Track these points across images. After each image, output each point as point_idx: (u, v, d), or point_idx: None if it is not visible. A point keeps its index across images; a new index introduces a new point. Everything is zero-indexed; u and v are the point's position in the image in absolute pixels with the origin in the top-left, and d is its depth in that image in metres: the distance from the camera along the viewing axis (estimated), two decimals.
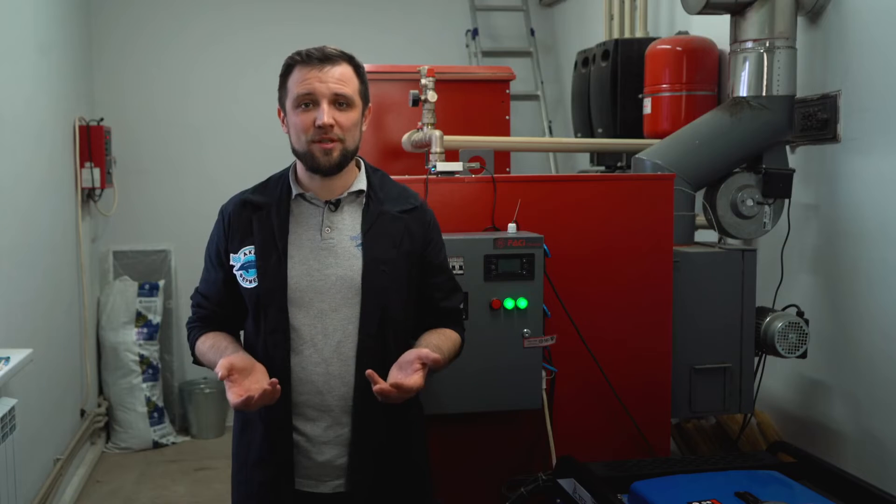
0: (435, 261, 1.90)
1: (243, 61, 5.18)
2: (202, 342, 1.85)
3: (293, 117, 1.77)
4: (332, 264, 1.78)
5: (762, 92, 2.81)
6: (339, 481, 1.80)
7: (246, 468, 1.86)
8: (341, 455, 1.79)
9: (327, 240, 1.80)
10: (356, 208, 1.83)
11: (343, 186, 1.83)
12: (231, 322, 1.90)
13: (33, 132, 3.76)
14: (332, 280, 1.78)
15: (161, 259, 5.19)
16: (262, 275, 1.78)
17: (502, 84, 3.71)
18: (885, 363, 2.64)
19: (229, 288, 1.85)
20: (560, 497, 2.22)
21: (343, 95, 1.75)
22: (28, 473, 3.30)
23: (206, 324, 1.89)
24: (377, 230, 1.81)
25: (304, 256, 1.79)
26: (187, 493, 4.18)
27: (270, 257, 1.78)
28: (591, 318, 2.47)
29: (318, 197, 1.82)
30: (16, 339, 3.22)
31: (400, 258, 1.81)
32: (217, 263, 1.87)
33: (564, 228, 2.47)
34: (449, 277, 1.95)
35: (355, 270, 1.78)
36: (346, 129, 1.76)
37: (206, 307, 1.89)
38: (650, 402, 2.56)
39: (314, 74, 1.74)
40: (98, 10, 5.05)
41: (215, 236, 1.88)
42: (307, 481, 1.81)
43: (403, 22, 5.38)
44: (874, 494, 1.97)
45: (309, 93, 1.74)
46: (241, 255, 1.81)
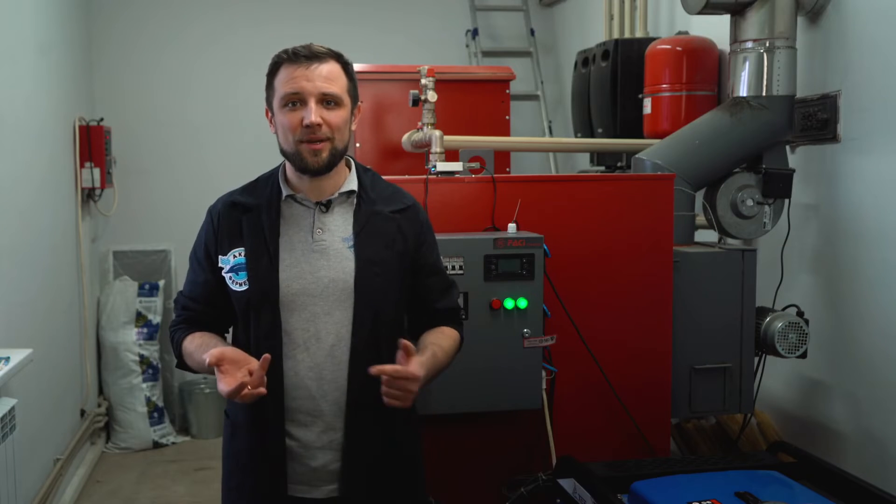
0: (428, 261, 1.88)
1: (243, 61, 5.17)
2: (189, 342, 1.80)
3: (280, 117, 1.74)
4: (323, 266, 1.76)
5: (762, 92, 2.80)
6: (332, 486, 1.78)
7: (237, 474, 1.83)
8: (335, 460, 1.77)
9: (319, 242, 1.77)
10: (347, 209, 1.81)
11: (333, 187, 1.80)
12: (218, 324, 1.86)
13: (33, 132, 3.76)
14: (324, 283, 1.75)
15: (161, 259, 5.19)
16: (252, 277, 1.75)
17: (502, 84, 3.71)
18: (885, 363, 2.64)
19: (217, 290, 1.81)
20: (560, 497, 2.22)
21: (331, 94, 1.72)
22: (28, 473, 3.29)
23: (192, 325, 1.84)
24: (369, 231, 1.78)
25: (295, 259, 1.76)
26: (187, 493, 4.18)
27: (261, 260, 1.75)
28: (591, 318, 2.47)
29: (309, 198, 1.79)
30: (16, 339, 3.22)
31: (393, 259, 1.79)
32: (206, 265, 1.83)
33: (564, 228, 2.47)
34: (443, 278, 1.92)
35: (347, 272, 1.75)
36: (334, 128, 1.73)
37: (192, 309, 1.85)
38: (650, 402, 2.56)
39: (301, 73, 1.71)
40: (98, 10, 5.05)
41: (203, 237, 1.85)
42: (300, 487, 1.78)
43: (403, 22, 5.38)
44: (874, 494, 1.97)
45: (296, 92, 1.71)
46: (230, 258, 1.78)
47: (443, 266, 1.96)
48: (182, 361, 1.85)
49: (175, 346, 1.85)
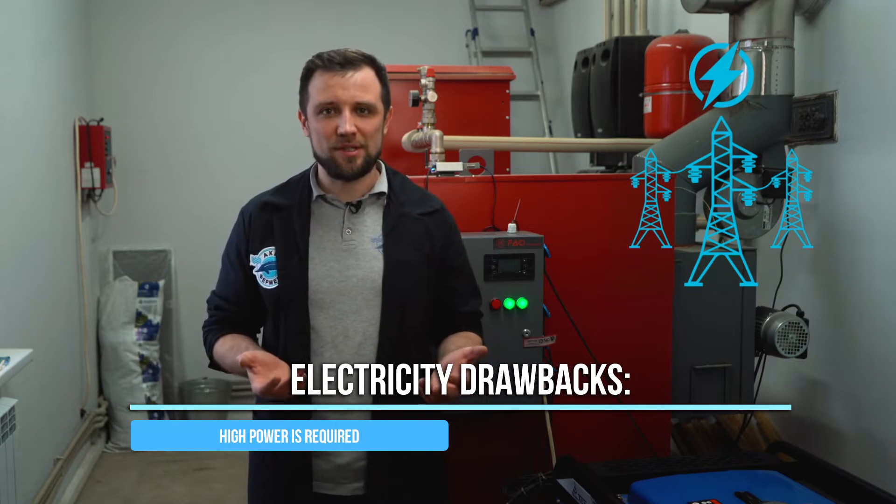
0: (455, 264, 1.89)
1: (243, 61, 5.18)
2: (221, 344, 1.83)
3: (315, 123, 1.75)
4: (352, 265, 1.78)
5: (761, 91, 2.81)
6: (358, 484, 1.79)
7: (263, 470, 1.85)
8: (360, 458, 1.78)
9: (348, 241, 1.79)
10: (377, 210, 1.83)
11: (364, 188, 1.82)
12: (250, 324, 1.88)
13: (33, 132, 3.76)
14: (353, 282, 1.77)
15: (161, 259, 5.19)
16: (283, 276, 1.77)
17: (502, 84, 3.71)
18: (885, 363, 2.64)
19: (249, 289, 1.83)
20: (560, 497, 2.22)
21: (365, 103, 1.73)
22: (28, 473, 3.29)
23: (224, 325, 1.87)
24: (398, 232, 1.80)
25: (325, 258, 1.78)
26: (187, 493, 4.18)
27: (291, 258, 1.77)
28: (591, 318, 2.47)
29: (339, 198, 1.81)
30: (16, 339, 3.21)
31: (420, 260, 1.80)
32: (237, 264, 1.85)
33: (564, 228, 2.47)
34: (469, 281, 1.93)
35: (376, 272, 1.77)
36: (368, 136, 1.74)
37: (225, 308, 1.87)
38: (650, 402, 2.56)
39: (336, 81, 1.72)
40: (98, 10, 5.05)
41: (235, 237, 1.87)
42: (325, 484, 1.80)
43: (403, 22, 5.38)
44: (874, 494, 1.97)
45: (331, 101, 1.72)
46: (261, 256, 1.80)
47: (470, 271, 1.96)
48: (214, 362, 1.87)
49: (207, 347, 1.88)
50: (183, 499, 4.13)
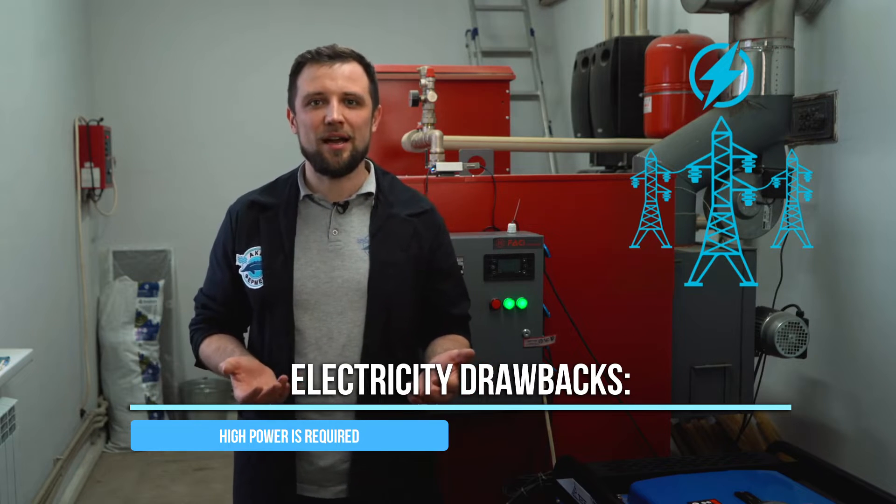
0: (444, 266, 1.88)
1: (243, 61, 5.18)
2: (207, 345, 1.83)
3: (303, 115, 1.76)
4: (338, 266, 1.77)
5: (761, 91, 2.81)
6: (341, 486, 1.79)
7: (248, 469, 1.85)
8: (344, 460, 1.78)
9: (334, 242, 1.78)
10: (364, 211, 1.82)
11: (352, 188, 1.81)
12: (236, 323, 1.88)
13: (33, 132, 3.76)
14: (338, 283, 1.76)
15: (161, 259, 5.19)
16: (268, 276, 1.77)
17: (502, 84, 3.71)
18: (885, 363, 2.64)
19: (235, 288, 1.83)
20: (560, 497, 2.22)
21: (353, 94, 1.74)
22: (28, 473, 3.30)
23: (211, 325, 1.87)
24: (385, 233, 1.79)
25: (310, 258, 1.78)
26: (187, 493, 4.18)
27: (277, 259, 1.77)
28: (591, 318, 2.47)
29: (327, 198, 1.81)
30: (16, 339, 3.21)
31: (407, 262, 1.79)
32: (224, 264, 1.85)
33: (564, 228, 2.47)
34: (457, 284, 1.92)
35: (362, 273, 1.77)
36: (355, 127, 1.74)
37: (211, 308, 1.87)
38: (650, 402, 2.56)
39: (324, 72, 1.73)
40: (98, 10, 5.05)
41: (222, 236, 1.87)
42: (309, 486, 1.79)
43: (403, 22, 5.38)
44: (874, 494, 1.97)
45: (319, 91, 1.72)
46: (247, 256, 1.80)
47: (459, 273, 1.95)
48: (200, 361, 1.88)
49: (194, 346, 1.88)
50: (183, 499, 4.13)
